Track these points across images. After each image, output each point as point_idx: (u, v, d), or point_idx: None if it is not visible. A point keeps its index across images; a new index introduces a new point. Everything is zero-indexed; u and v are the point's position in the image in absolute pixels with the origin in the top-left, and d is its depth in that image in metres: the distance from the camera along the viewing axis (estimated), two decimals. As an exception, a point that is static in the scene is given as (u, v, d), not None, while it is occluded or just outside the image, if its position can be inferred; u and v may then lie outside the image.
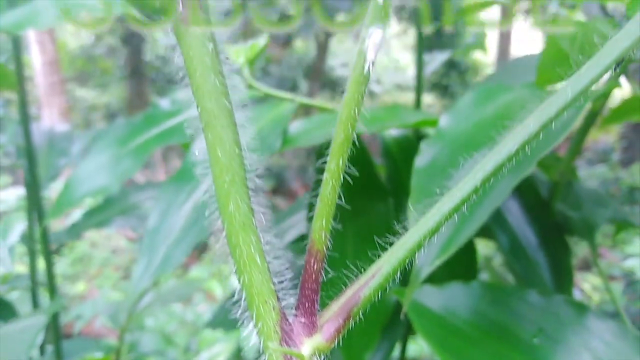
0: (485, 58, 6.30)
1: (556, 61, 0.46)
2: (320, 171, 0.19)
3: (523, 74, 0.55)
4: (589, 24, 0.45)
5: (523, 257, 0.52)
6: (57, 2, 0.46)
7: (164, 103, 0.54)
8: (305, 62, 5.55)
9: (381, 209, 0.50)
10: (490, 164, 0.13)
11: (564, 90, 0.13)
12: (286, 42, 4.73)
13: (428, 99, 6.50)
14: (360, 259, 0.53)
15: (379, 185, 0.51)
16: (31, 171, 0.69)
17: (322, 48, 5.13)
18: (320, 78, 5.27)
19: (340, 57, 6.64)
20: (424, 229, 0.14)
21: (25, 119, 0.66)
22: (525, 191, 0.54)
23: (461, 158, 0.38)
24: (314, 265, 0.15)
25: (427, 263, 0.33)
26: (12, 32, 0.46)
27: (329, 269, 0.18)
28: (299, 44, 5.79)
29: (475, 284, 0.41)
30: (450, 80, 6.15)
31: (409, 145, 0.53)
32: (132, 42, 5.58)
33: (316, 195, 0.18)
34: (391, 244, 0.17)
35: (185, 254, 0.42)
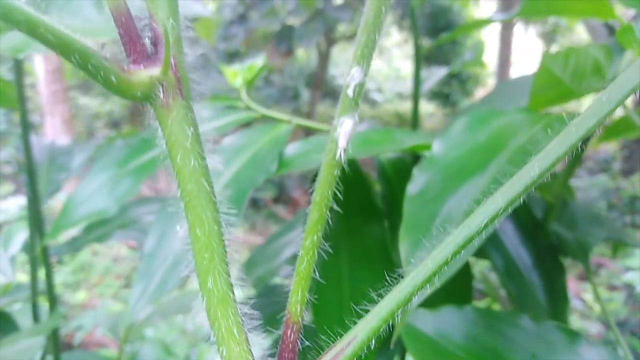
0: (487, 67, 6.31)
1: (549, 86, 0.47)
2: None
3: (519, 95, 0.56)
4: (582, 49, 0.45)
5: (518, 277, 0.53)
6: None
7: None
8: (307, 72, 5.57)
9: (376, 230, 0.50)
10: (461, 235, 0.14)
11: (531, 167, 0.14)
12: (288, 51, 4.74)
13: (429, 107, 6.51)
14: (355, 278, 0.53)
15: (374, 207, 0.51)
16: (32, 186, 0.70)
17: (324, 57, 5.15)
18: (321, 87, 5.28)
19: (342, 66, 6.66)
20: (397, 298, 0.14)
21: (26, 137, 0.66)
22: (520, 212, 0.55)
23: (453, 185, 0.39)
24: (290, 336, 0.16)
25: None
26: (13, 56, 0.46)
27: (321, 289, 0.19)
28: (300, 53, 5.81)
29: (469, 308, 0.42)
30: (451, 89, 6.17)
31: (404, 166, 0.53)
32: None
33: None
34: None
35: (181, 278, 0.42)
